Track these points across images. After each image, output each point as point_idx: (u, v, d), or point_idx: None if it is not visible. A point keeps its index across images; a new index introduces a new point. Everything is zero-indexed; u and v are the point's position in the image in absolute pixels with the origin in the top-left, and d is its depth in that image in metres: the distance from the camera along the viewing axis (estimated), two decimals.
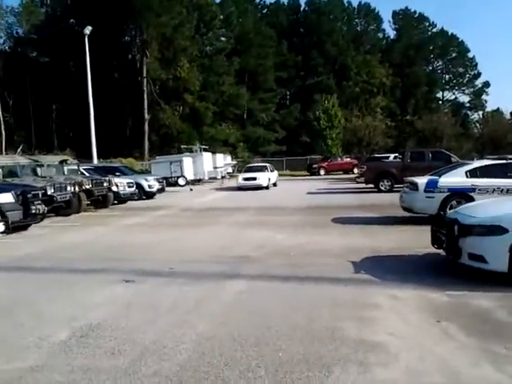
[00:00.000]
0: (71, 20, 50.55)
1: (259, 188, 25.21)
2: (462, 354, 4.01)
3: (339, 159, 44.78)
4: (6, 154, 33.32)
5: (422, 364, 3.84)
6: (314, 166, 44.40)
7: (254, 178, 25.65)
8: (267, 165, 29.10)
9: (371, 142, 44.84)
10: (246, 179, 25.94)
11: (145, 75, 48.00)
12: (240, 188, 25.54)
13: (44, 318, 5.20)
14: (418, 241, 8.63)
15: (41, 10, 54.49)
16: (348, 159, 44.43)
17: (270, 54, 60.40)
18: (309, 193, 22.63)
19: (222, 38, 58.32)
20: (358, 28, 74.80)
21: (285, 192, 24.14)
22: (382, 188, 21.30)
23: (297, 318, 4.97)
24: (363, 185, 23.55)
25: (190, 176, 31.99)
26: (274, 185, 27.95)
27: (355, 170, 37.67)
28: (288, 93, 69.92)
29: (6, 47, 52.89)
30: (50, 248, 9.62)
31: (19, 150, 37.53)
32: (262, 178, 25.77)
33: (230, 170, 40.36)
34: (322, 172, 42.92)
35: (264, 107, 60.77)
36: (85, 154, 32.01)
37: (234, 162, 42.91)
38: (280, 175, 44.77)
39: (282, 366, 3.82)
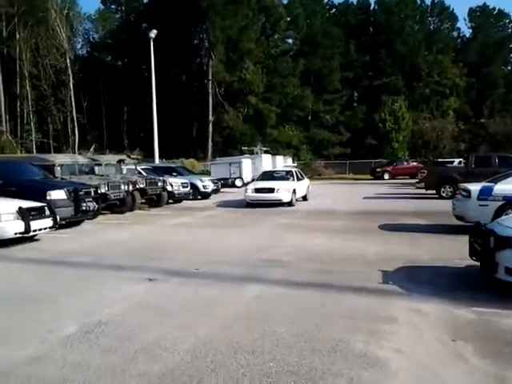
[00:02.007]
0: (144, 25, 52.59)
1: (277, 204, 17.16)
2: (467, 379, 3.69)
3: (405, 163, 43.25)
4: (79, 153, 35.17)
5: None
6: (378, 169, 43.19)
7: (271, 190, 17.25)
8: (294, 170, 20.61)
9: (438, 145, 42.91)
10: (258, 190, 17.43)
11: (210, 78, 48.96)
12: (249, 204, 17.49)
13: (60, 312, 5.39)
14: (463, 252, 8.04)
15: (115, 16, 57.19)
16: (414, 163, 42.82)
17: (337, 54, 59.58)
18: (365, 197, 22.01)
19: (288, 40, 58.30)
20: (431, 27, 72.01)
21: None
22: (444, 194, 20.29)
23: (304, 327, 4.80)
24: (426, 190, 22.57)
25: (248, 177, 32.18)
26: (304, 199, 19.77)
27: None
28: (354, 94, 68.63)
29: (83, 52, 56.03)
30: (91, 244, 10.02)
31: (91, 149, 39.62)
32: (283, 190, 17.32)
33: None
34: (387, 176, 41.63)
35: (329, 109, 60.02)
36: (153, 154, 33.07)
37: (295, 165, 42.69)
38: (342, 179, 44.21)
39: (268, 377, 3.69)
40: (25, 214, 9.40)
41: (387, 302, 5.65)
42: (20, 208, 9.46)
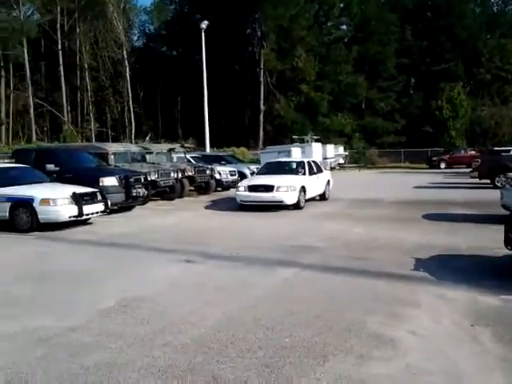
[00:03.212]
0: (197, 15, 53.38)
1: (279, 207, 13.05)
2: (476, 360, 3.79)
3: (462, 152, 41.75)
4: (136, 142, 36.47)
5: (427, 364, 3.71)
6: (434, 158, 41.93)
7: (269, 188, 13.01)
8: (307, 160, 15.74)
9: (497, 133, 41.03)
10: (252, 188, 13.28)
11: (262, 66, 49.13)
12: (243, 206, 13.36)
13: (103, 288, 5.88)
14: (502, 242, 7.96)
15: (170, 7, 58.36)
16: (472, 152, 41.23)
17: (392, 40, 57.91)
18: (416, 187, 21.57)
19: (342, 27, 57.31)
20: (494, 9, 68.40)
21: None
22: (498, 184, 19.52)
23: (325, 308, 5.01)
24: (480, 180, 21.82)
25: None
26: (323, 198, 15.64)
27: None
28: (411, 80, 66.53)
29: (139, 44, 57.69)
30: (139, 228, 10.60)
31: (147, 138, 40.94)
32: (286, 189, 12.99)
33: (341, 160, 39.86)
34: (443, 165, 40.38)
35: (383, 96, 58.53)
36: (205, 143, 33.73)
37: (346, 153, 42.23)
38: (396, 167, 43.29)
39: (282, 351, 3.94)
40: (78, 199, 10.09)
41: (414, 287, 5.74)
42: (74, 193, 10.16)
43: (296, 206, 13.21)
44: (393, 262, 6.97)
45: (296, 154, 32.68)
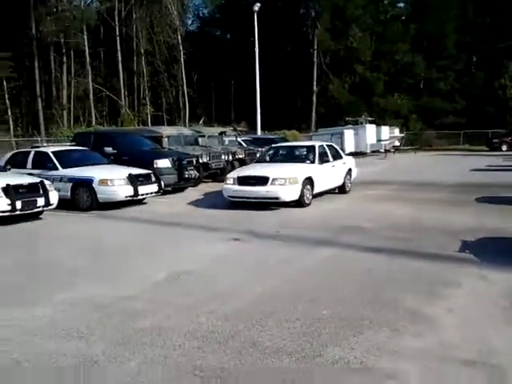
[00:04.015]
0: None
1: (277, 203, 10.50)
2: (511, 340, 3.81)
3: None
4: (190, 125, 37.26)
5: (460, 340, 3.79)
6: (495, 140, 40.10)
7: (263, 180, 10.37)
8: (320, 145, 12.69)
9: None
10: (243, 181, 10.65)
11: (315, 47, 48.51)
12: (234, 202, 10.82)
13: (155, 262, 6.30)
14: None
15: None
16: None
17: (452, 17, 55.39)
18: (473, 169, 20.86)
19: (399, 4, 55.41)
20: None
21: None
22: None
23: (365, 286, 5.14)
24: None
25: (350, 148, 31.80)
26: (342, 190, 12.82)
27: None
28: (473, 59, 63.52)
29: (194, 28, 58.31)
30: (191, 208, 11.02)
31: (200, 122, 41.65)
32: (284, 182, 10.26)
33: (396, 143, 38.94)
34: (504, 148, 38.55)
35: (442, 75, 56.26)
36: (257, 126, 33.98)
37: (402, 135, 41.17)
38: (454, 150, 41.81)
39: (319, 321, 4.14)
40: (133, 180, 10.63)
41: (457, 268, 5.74)
42: (130, 174, 10.71)
43: (298, 203, 10.43)
44: (438, 244, 6.95)
45: (349, 136, 32.37)
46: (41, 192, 9.40)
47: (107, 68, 43.59)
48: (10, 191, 8.84)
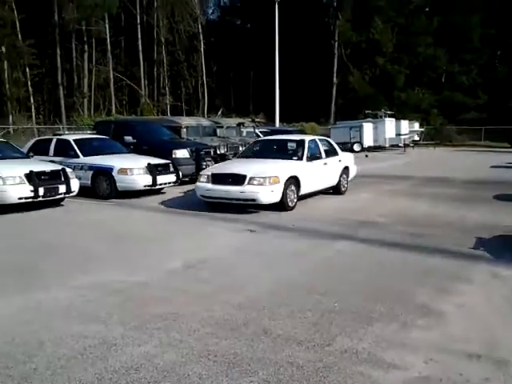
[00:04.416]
0: None
1: (254, 206, 9.26)
2: None
3: None
4: (208, 116, 37.40)
5: (468, 334, 3.87)
6: None
7: (239, 179, 9.07)
8: (308, 139, 11.20)
9: None
10: (217, 179, 9.36)
11: (336, 38, 48.16)
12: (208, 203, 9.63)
13: (171, 250, 6.48)
14: None
15: None
16: None
17: (477, 9, 54.34)
18: (493, 166, 20.63)
19: None
20: None
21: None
22: None
23: (377, 279, 5.23)
24: None
25: (369, 142, 31.69)
26: (336, 191, 11.59)
27: None
28: (497, 53, 62.28)
29: (214, 17, 58.29)
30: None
31: (219, 112, 41.78)
32: (263, 181, 8.98)
33: (416, 137, 38.61)
34: None
35: (465, 69, 55.35)
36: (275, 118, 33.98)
37: (422, 130, 40.75)
38: (475, 145, 41.24)
39: (329, 313, 4.25)
40: (152, 170, 10.82)
41: (470, 265, 5.79)
42: (149, 164, 10.89)
43: (280, 206, 9.15)
44: (452, 240, 6.98)
45: (367, 129, 32.20)
46: (62, 179, 9.65)
47: (128, 57, 43.87)
48: (33, 178, 9.09)
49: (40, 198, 9.21)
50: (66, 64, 38.19)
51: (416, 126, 40.17)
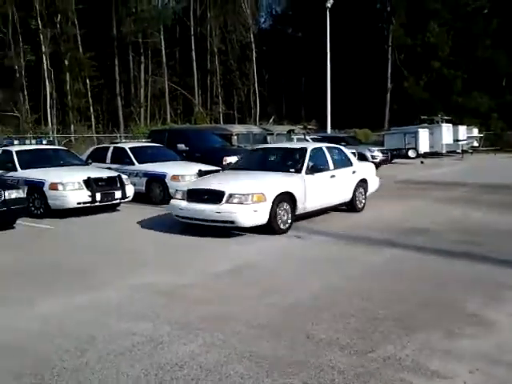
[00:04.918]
0: None
1: (235, 228, 7.73)
2: None
3: None
4: (260, 123, 37.74)
5: None
6: None
7: (217, 196, 7.66)
8: (311, 148, 9.51)
9: None
10: (194, 195, 8.03)
11: (390, 43, 47.37)
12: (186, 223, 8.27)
13: (219, 254, 6.63)
14: None
15: None
16: None
17: None
18: None
19: None
20: None
21: None
22: None
23: (425, 287, 5.13)
24: None
25: (425, 148, 30.85)
26: (351, 208, 10.01)
27: None
28: None
29: (266, 26, 58.83)
30: None
31: (271, 120, 42.03)
32: (241, 199, 7.50)
33: (475, 143, 37.26)
34: None
35: None
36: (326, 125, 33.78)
37: (481, 135, 39.25)
38: None
39: (374, 320, 4.22)
40: (203, 175, 11.05)
41: None
42: (200, 170, 11.17)
43: (269, 229, 7.63)
44: (507, 249, 6.71)
45: (423, 135, 31.37)
46: (118, 185, 10.08)
47: (182, 67, 45.06)
48: (91, 184, 9.57)
49: (97, 203, 9.66)
50: (123, 75, 39.76)
51: (475, 131, 38.76)
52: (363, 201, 10.26)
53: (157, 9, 41.99)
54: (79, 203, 9.45)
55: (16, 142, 12.15)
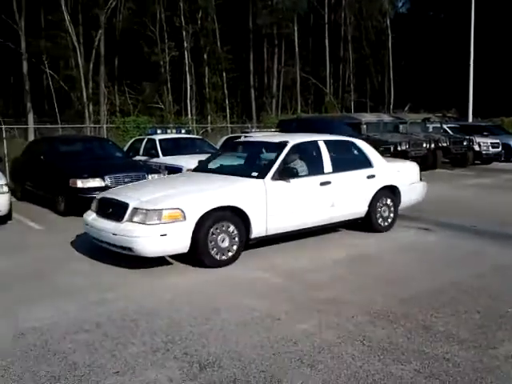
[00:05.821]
0: None
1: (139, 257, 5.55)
2: None
3: None
4: (394, 112, 36.41)
5: None
6: None
7: (119, 211, 5.58)
8: (295, 142, 6.63)
9: None
10: (102, 208, 5.98)
11: None
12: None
13: (339, 243, 6.65)
14: None
15: None
16: None
17: None
18: None
19: None
20: None
21: None
22: None
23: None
24: None
25: None
26: (368, 226, 7.21)
27: None
28: None
29: (404, 9, 56.19)
30: None
31: (406, 108, 40.31)
32: (145, 220, 5.28)
33: None
34: None
35: None
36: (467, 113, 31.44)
37: None
38: None
39: (500, 318, 3.97)
40: None
41: None
42: None
43: (197, 260, 5.55)
44: None
45: None
46: None
47: (314, 56, 45.10)
48: None
49: None
50: (257, 67, 41.04)
51: None
52: (389, 216, 7.33)
53: None
54: None
55: (159, 131, 13.21)
